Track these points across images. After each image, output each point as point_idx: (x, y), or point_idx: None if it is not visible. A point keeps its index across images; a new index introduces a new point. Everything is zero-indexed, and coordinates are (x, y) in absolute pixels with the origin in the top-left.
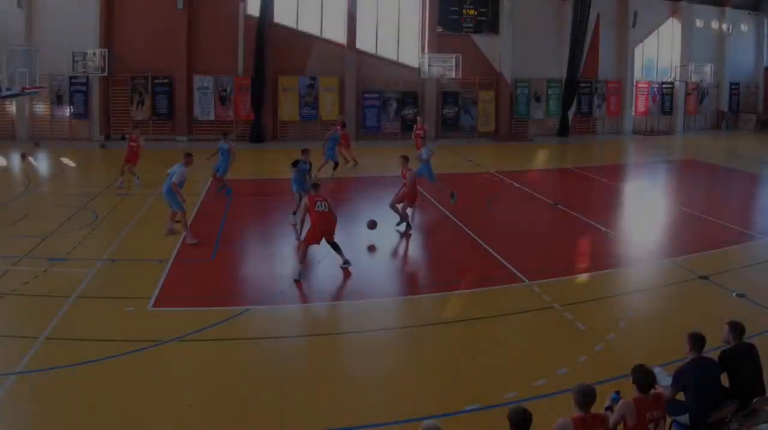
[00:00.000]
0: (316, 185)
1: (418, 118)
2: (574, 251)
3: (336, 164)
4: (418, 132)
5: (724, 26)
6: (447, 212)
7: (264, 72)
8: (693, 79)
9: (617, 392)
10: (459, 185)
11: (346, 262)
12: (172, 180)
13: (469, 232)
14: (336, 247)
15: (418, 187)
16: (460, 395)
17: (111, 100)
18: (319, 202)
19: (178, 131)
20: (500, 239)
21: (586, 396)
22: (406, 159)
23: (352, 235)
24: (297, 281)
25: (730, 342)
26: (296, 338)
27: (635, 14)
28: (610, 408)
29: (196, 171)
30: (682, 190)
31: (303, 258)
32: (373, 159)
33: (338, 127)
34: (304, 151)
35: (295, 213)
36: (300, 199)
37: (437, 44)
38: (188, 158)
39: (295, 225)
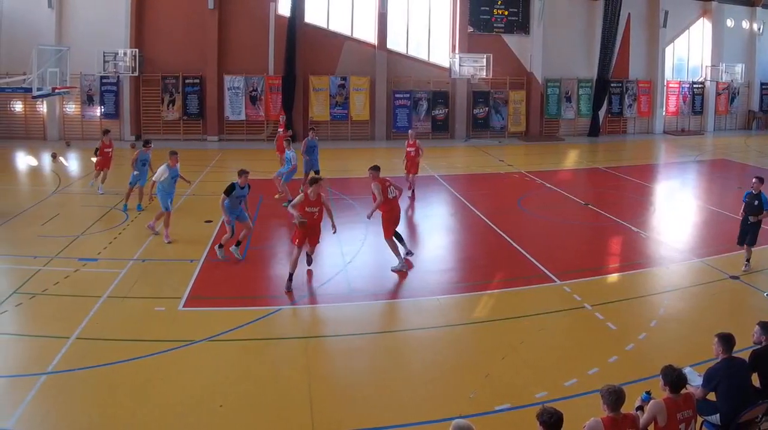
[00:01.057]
0: (377, 167)
1: (410, 132)
2: (605, 251)
3: (317, 172)
4: (408, 149)
5: (755, 26)
6: (478, 213)
7: (295, 72)
8: (724, 79)
9: (648, 392)
10: (490, 185)
11: (409, 252)
12: (153, 179)
13: (500, 232)
14: (399, 237)
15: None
16: (491, 394)
17: (142, 100)
18: (390, 188)
19: (208, 131)
20: (531, 239)
21: (615, 397)
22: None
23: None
24: (399, 271)
25: (761, 342)
26: (327, 337)
27: (666, 14)
28: (640, 408)
29: (227, 172)
30: (713, 190)
31: (397, 250)
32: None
33: (281, 128)
34: (243, 173)
35: (238, 244)
36: (233, 231)
37: (468, 44)
38: (173, 157)
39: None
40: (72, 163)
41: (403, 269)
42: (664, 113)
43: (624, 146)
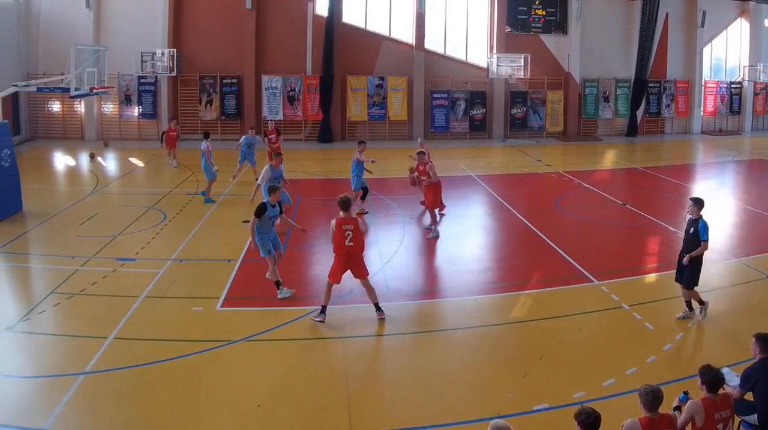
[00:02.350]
0: (423, 152)
1: (419, 139)
2: (643, 251)
3: (366, 191)
4: (418, 154)
5: None
6: (516, 213)
7: (332, 72)
8: (761, 79)
9: (686, 392)
10: (527, 185)
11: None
12: (258, 182)
13: (538, 232)
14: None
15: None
16: (529, 394)
17: (179, 100)
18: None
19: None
20: (569, 239)
21: (653, 397)
22: (422, 155)
23: (424, 235)
24: (435, 238)
25: None
26: (364, 337)
27: (704, 14)
28: (678, 408)
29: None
30: (751, 190)
31: (436, 220)
32: (443, 159)
33: (273, 134)
34: (274, 191)
35: (277, 282)
36: (274, 258)
37: (506, 44)
38: (278, 158)
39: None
40: (110, 163)
41: (437, 237)
42: (701, 113)
43: (662, 146)
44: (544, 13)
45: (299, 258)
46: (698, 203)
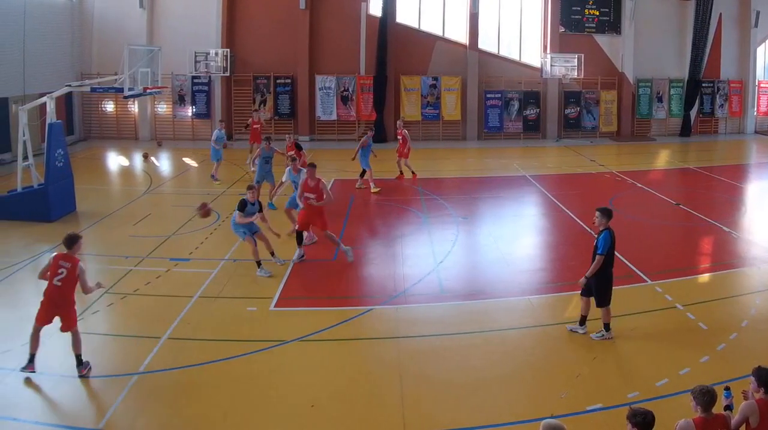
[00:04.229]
0: (315, 165)
1: (398, 122)
2: (697, 250)
3: (363, 172)
4: (398, 138)
5: None
6: (569, 213)
7: (386, 72)
8: None
9: (728, 389)
10: (581, 185)
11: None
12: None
13: (592, 232)
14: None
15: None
16: (582, 394)
17: (233, 100)
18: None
19: (300, 131)
20: (623, 239)
21: (708, 397)
22: (313, 166)
23: (477, 235)
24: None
25: None
26: (418, 337)
27: (757, 14)
28: (728, 407)
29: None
30: None
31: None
32: (496, 159)
33: (290, 149)
34: (252, 188)
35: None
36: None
37: (559, 44)
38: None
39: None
40: (163, 163)
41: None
42: (755, 113)
43: (715, 146)
44: (598, 13)
45: (353, 257)
46: (605, 214)
